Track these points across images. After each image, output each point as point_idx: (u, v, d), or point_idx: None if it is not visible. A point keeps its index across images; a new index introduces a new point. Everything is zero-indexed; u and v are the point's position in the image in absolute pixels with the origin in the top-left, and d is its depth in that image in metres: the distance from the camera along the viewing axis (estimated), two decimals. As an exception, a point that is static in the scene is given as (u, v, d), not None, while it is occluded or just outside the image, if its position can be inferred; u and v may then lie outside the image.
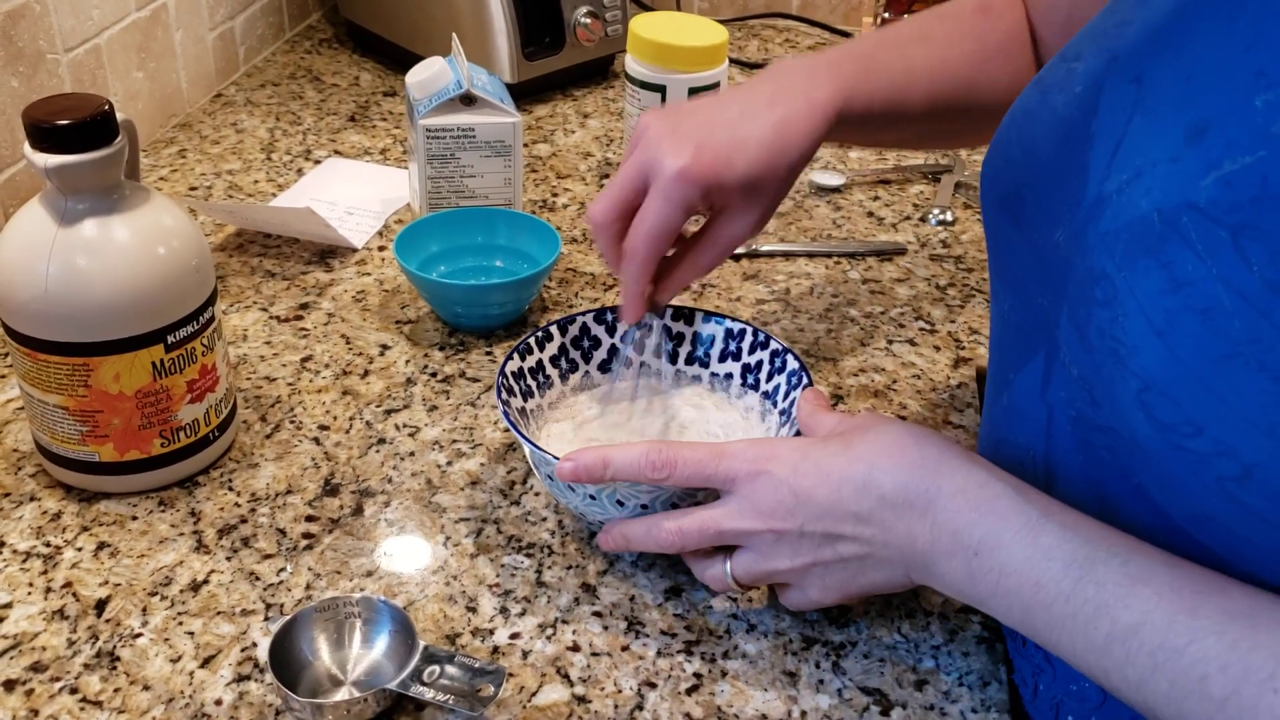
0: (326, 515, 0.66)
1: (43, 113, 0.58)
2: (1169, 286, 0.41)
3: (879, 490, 0.52)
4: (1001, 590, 0.48)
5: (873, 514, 0.52)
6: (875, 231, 0.99)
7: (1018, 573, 0.47)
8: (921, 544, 0.51)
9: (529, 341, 0.68)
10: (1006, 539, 0.48)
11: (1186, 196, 0.41)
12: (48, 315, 0.60)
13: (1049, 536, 0.47)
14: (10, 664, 0.56)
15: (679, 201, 0.62)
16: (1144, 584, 0.44)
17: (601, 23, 1.18)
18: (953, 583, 0.51)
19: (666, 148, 0.62)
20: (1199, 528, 0.44)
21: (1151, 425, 0.42)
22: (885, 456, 0.53)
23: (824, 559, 0.54)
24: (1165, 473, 0.43)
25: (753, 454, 0.55)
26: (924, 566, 0.52)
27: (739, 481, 0.55)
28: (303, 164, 1.06)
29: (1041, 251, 0.51)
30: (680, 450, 0.56)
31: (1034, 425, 0.53)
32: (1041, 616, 0.47)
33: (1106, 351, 0.44)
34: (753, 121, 0.64)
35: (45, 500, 0.66)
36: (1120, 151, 0.45)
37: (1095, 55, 0.49)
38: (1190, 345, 0.40)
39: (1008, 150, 0.55)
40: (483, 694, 0.53)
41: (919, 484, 0.51)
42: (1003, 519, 0.48)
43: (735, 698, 0.56)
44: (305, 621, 0.57)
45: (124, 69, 1.02)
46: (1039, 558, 0.47)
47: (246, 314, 0.84)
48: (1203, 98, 0.42)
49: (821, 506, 0.53)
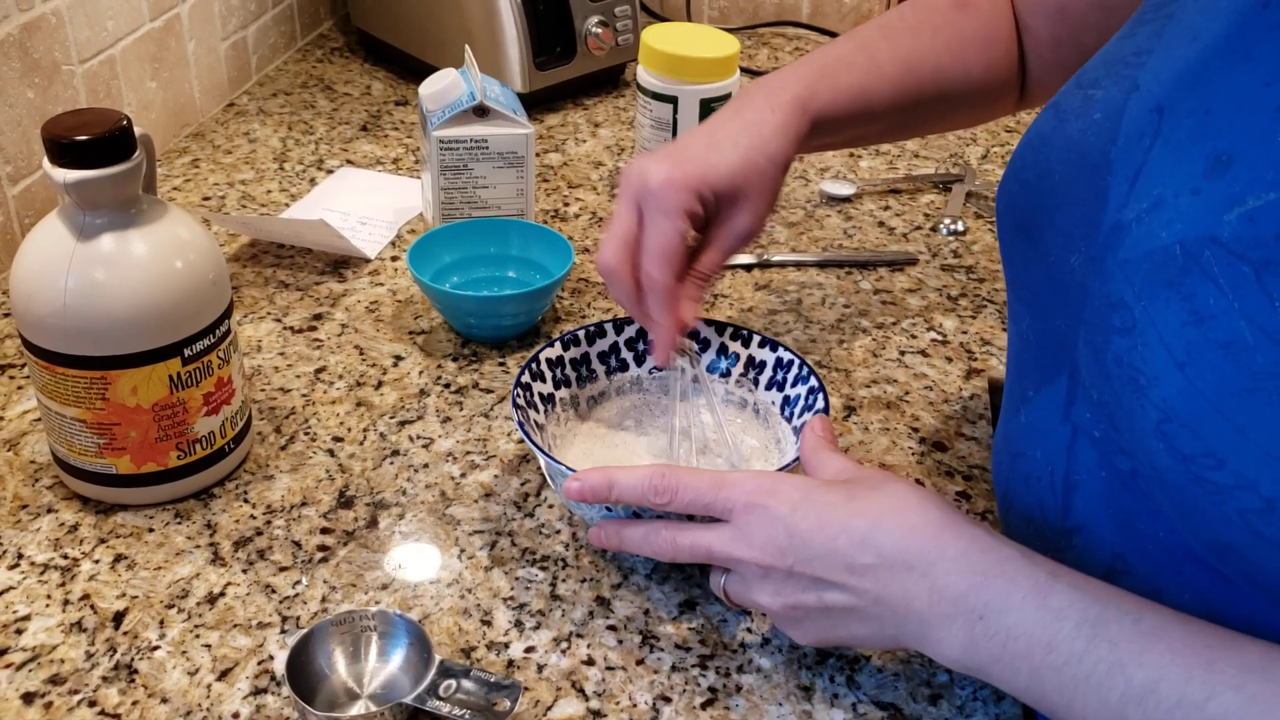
0: (341, 528, 0.67)
1: (62, 128, 0.58)
2: (1190, 319, 0.41)
3: (878, 547, 0.50)
4: (1008, 655, 0.47)
5: (868, 570, 0.50)
6: (886, 241, 0.99)
7: (1028, 635, 0.46)
8: (918, 606, 0.49)
9: (542, 354, 0.69)
10: (1016, 601, 0.47)
11: (1209, 230, 0.41)
12: (66, 329, 0.60)
13: (1059, 597, 0.46)
14: (29, 676, 0.57)
15: (675, 210, 0.63)
16: (1158, 639, 0.44)
17: (613, 32, 1.19)
18: (950, 649, 0.49)
19: (649, 169, 0.65)
20: (1220, 558, 0.44)
21: (1172, 456, 0.42)
22: (889, 516, 0.51)
23: (807, 603, 0.53)
24: (1186, 503, 0.43)
25: (753, 486, 0.54)
26: (918, 630, 0.50)
27: (736, 512, 0.54)
28: (315, 173, 1.07)
29: (1058, 274, 0.51)
30: (683, 476, 0.55)
31: (1055, 443, 0.53)
32: (1052, 680, 0.45)
33: (1125, 380, 0.44)
34: (722, 130, 0.67)
35: (62, 512, 0.67)
36: (1140, 180, 0.45)
37: (1114, 84, 0.50)
38: (1211, 378, 0.40)
39: (1023, 174, 0.55)
40: (499, 708, 0.54)
41: (921, 546, 0.50)
42: (1011, 581, 0.47)
43: (750, 712, 0.56)
44: (322, 635, 0.57)
45: (138, 79, 1.03)
46: (1050, 618, 0.46)
47: (260, 325, 0.85)
48: (1223, 130, 0.42)
49: (815, 551, 0.52)
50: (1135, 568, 0.50)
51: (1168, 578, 0.48)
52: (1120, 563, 0.50)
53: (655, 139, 0.98)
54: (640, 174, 0.65)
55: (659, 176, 0.64)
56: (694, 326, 0.70)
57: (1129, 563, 0.50)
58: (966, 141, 1.18)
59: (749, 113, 0.68)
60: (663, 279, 0.64)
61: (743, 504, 0.54)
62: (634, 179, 0.65)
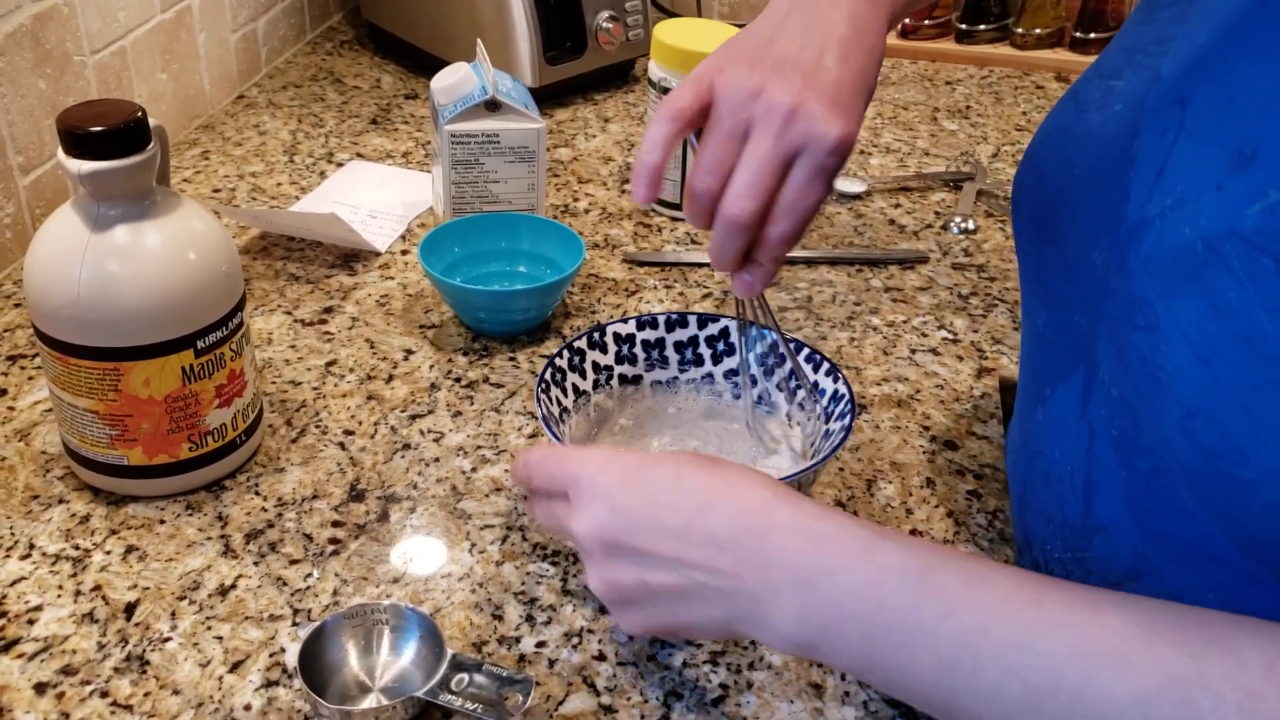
0: (353, 521, 0.67)
1: (77, 119, 0.58)
2: (1211, 313, 0.41)
3: (707, 527, 0.48)
4: (839, 619, 0.45)
5: (697, 547, 0.48)
6: (897, 239, 0.99)
7: (857, 594, 0.45)
8: (749, 581, 0.47)
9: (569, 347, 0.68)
10: (843, 562, 0.46)
11: (1231, 224, 0.40)
12: (79, 320, 0.60)
13: (885, 553, 0.45)
14: (41, 667, 0.57)
15: (834, 174, 0.58)
16: (987, 585, 0.43)
17: (623, 27, 1.18)
18: (781, 623, 0.47)
19: (823, 113, 0.56)
20: (1248, 551, 0.44)
21: (1196, 451, 0.42)
22: (718, 493, 0.49)
23: (627, 583, 0.50)
24: (1212, 497, 0.43)
25: (587, 460, 0.52)
26: (750, 609, 0.48)
27: (573, 487, 0.52)
28: (325, 166, 1.07)
29: (1077, 269, 0.50)
30: (530, 454, 0.55)
31: (1074, 442, 0.53)
32: (883, 640, 0.44)
33: (1148, 377, 0.44)
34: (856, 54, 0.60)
35: (74, 503, 0.67)
36: (1164, 175, 0.45)
37: (1135, 74, 0.49)
38: (1234, 372, 0.40)
39: (1041, 166, 0.55)
40: (511, 703, 0.53)
41: (749, 521, 0.48)
42: (837, 544, 0.46)
43: (761, 709, 0.56)
44: (334, 628, 0.57)
45: (148, 71, 1.03)
46: (878, 574, 0.45)
47: (271, 317, 0.85)
48: (1247, 124, 0.42)
49: (641, 526, 0.50)
50: (1159, 567, 0.49)
51: (1191, 576, 0.48)
52: (1143, 562, 0.50)
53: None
54: (810, 115, 0.56)
55: (837, 131, 0.56)
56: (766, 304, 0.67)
57: (1152, 562, 0.50)
58: (977, 140, 1.18)
59: (861, 20, 0.60)
60: (793, 235, 0.59)
61: (578, 479, 0.52)
62: (801, 117, 0.56)
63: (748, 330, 0.69)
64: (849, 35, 0.59)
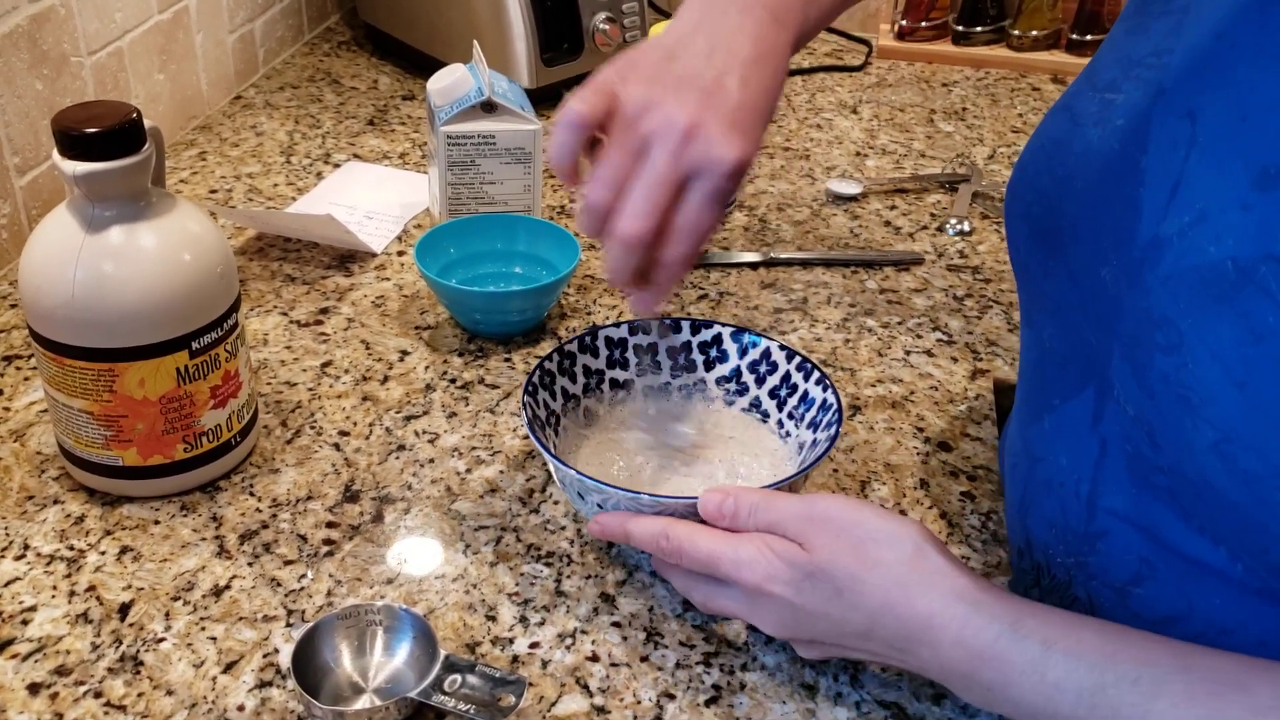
0: (347, 522, 0.67)
1: (72, 120, 0.59)
2: (1249, 338, 0.40)
3: (882, 637, 0.52)
4: (1024, 716, 0.48)
5: (880, 650, 0.53)
6: (892, 241, 0.99)
7: (1033, 707, 0.47)
8: (933, 671, 0.52)
9: (558, 351, 0.69)
10: (1015, 678, 0.48)
11: (1265, 247, 0.40)
12: (74, 321, 0.61)
13: (1056, 670, 0.47)
14: (35, 667, 0.57)
15: (728, 195, 0.57)
16: (1158, 698, 0.44)
17: (620, 28, 1.18)
18: (974, 702, 0.51)
19: (720, 133, 0.56)
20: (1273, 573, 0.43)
21: (1232, 476, 0.41)
22: (881, 613, 0.51)
23: (816, 655, 0.56)
24: (1248, 522, 0.42)
25: (749, 569, 0.54)
26: (941, 682, 0.53)
27: (743, 590, 0.55)
28: (322, 167, 1.07)
29: (1085, 285, 0.50)
30: (682, 542, 0.56)
31: (1083, 454, 0.52)
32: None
33: (1173, 398, 0.43)
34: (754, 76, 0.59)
35: (69, 503, 0.67)
36: (1180, 192, 0.44)
37: (1136, 87, 0.48)
38: (1274, 397, 0.40)
39: (1038, 180, 0.54)
40: (503, 704, 0.54)
41: (919, 635, 0.51)
42: (1006, 662, 0.48)
43: (754, 710, 0.56)
44: (328, 629, 0.57)
45: (145, 71, 1.03)
46: (1051, 693, 0.47)
47: (267, 318, 0.85)
48: (1265, 139, 0.41)
49: (821, 633, 0.54)
50: (1160, 574, 0.49)
51: (1193, 586, 0.47)
52: (1146, 566, 0.50)
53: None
54: (708, 137, 0.55)
55: (733, 155, 0.55)
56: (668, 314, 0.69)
57: (1155, 566, 0.49)
58: (973, 141, 1.18)
59: (766, 42, 0.60)
60: (688, 257, 0.58)
61: (750, 585, 0.54)
62: (699, 139, 0.55)
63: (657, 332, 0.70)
64: (752, 57, 0.59)
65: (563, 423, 0.68)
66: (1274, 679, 0.43)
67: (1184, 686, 0.44)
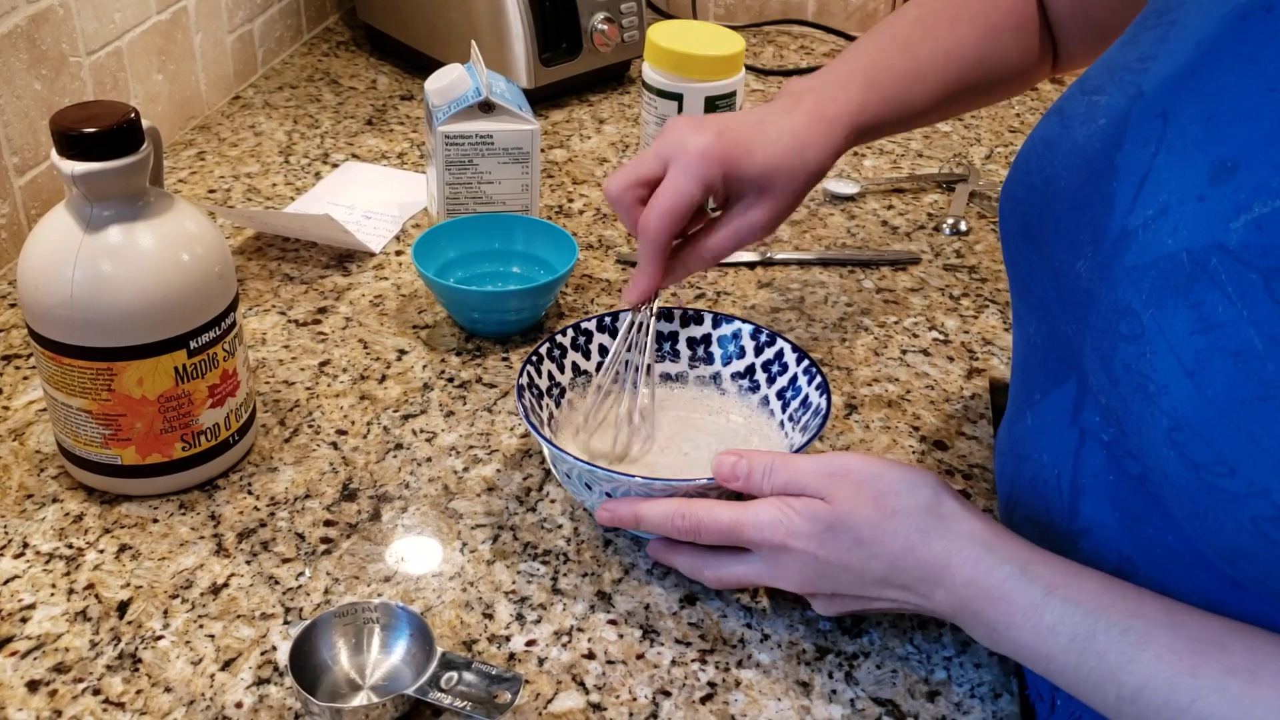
0: (344, 520, 0.67)
1: (70, 120, 0.59)
2: (1199, 327, 0.41)
3: (901, 581, 0.54)
4: (1021, 657, 0.51)
5: (898, 595, 0.55)
6: (889, 240, 1.00)
7: (1029, 648, 0.50)
8: (946, 610, 0.54)
9: (544, 346, 0.69)
10: (1016, 620, 0.50)
11: (1215, 238, 0.41)
12: (73, 320, 0.61)
13: (1053, 614, 0.49)
14: (34, 665, 0.57)
15: (697, 177, 0.64)
16: (1144, 648, 0.46)
17: (618, 28, 1.19)
18: (980, 639, 0.54)
19: (688, 131, 0.65)
20: (1230, 563, 0.44)
21: (1183, 463, 0.42)
22: (900, 557, 0.54)
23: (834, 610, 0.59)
24: (1197, 509, 0.43)
25: (769, 528, 0.56)
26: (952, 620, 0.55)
27: (764, 552, 0.57)
28: (320, 167, 1.07)
29: (1064, 279, 0.51)
30: (700, 517, 0.58)
31: (1063, 446, 0.53)
32: (1059, 679, 0.50)
33: (1134, 387, 0.44)
34: (772, 124, 0.67)
35: (67, 502, 0.67)
36: (1145, 186, 0.45)
37: (1118, 89, 0.50)
38: (1222, 386, 0.40)
39: (1028, 178, 0.55)
40: (500, 701, 0.54)
41: (934, 576, 0.53)
42: (1010, 604, 0.51)
43: (749, 707, 0.57)
44: (325, 626, 0.57)
45: (144, 72, 1.03)
46: (1045, 636, 0.49)
47: (265, 317, 0.85)
48: (1227, 136, 0.42)
49: (848, 581, 0.56)
50: (1143, 570, 0.50)
51: (1176, 580, 0.48)
52: (1128, 564, 0.50)
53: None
54: (681, 132, 0.65)
55: (698, 142, 0.64)
56: (669, 287, 0.71)
57: (1136, 564, 0.50)
58: (970, 141, 1.19)
59: (800, 116, 0.68)
60: (658, 231, 0.65)
61: (770, 545, 0.56)
62: (673, 134, 0.66)
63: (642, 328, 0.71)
64: (790, 145, 0.67)
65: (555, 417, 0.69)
66: (1250, 641, 0.44)
67: (1169, 640, 0.46)
